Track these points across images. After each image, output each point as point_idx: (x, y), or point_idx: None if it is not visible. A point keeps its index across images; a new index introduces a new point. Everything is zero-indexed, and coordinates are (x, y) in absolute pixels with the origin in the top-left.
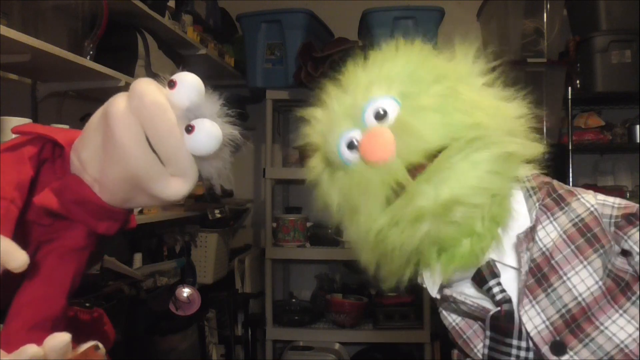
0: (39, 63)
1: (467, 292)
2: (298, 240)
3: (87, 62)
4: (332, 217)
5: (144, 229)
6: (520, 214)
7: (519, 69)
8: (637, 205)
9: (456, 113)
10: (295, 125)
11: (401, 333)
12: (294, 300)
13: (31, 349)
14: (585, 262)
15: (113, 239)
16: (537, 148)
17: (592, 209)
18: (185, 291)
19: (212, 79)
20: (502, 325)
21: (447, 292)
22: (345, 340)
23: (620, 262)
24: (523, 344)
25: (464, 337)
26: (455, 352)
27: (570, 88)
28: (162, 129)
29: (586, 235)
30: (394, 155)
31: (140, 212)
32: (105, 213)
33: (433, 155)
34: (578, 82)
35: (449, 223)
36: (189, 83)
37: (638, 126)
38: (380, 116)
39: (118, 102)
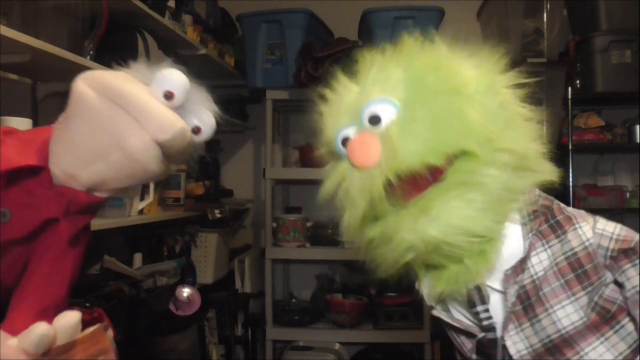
0: (39, 63)
1: (456, 311)
2: (298, 240)
3: (87, 62)
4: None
5: (144, 229)
6: (514, 239)
7: (518, 69)
8: (637, 238)
9: (449, 133)
10: (295, 125)
11: (401, 333)
12: (294, 300)
13: (41, 327)
14: (572, 298)
15: (113, 239)
16: (548, 174)
17: (587, 243)
18: (185, 291)
19: (212, 79)
20: (486, 350)
21: (435, 313)
22: (345, 340)
23: (610, 290)
24: None
25: (458, 341)
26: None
27: (570, 88)
28: (184, 148)
29: (577, 271)
30: (376, 164)
31: (140, 212)
32: (99, 206)
33: (422, 167)
34: (578, 82)
35: (436, 254)
36: (183, 88)
37: (638, 126)
38: (373, 121)
39: (133, 134)
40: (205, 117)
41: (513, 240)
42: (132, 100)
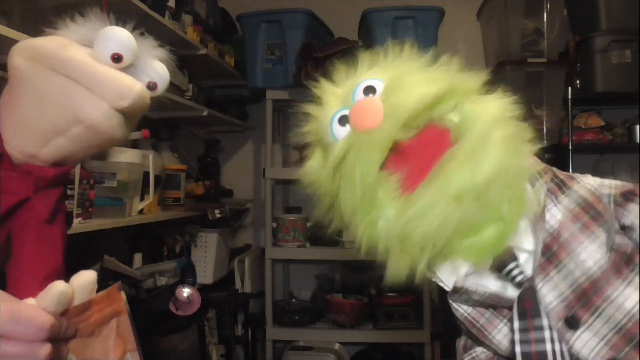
0: None
1: (481, 283)
2: (298, 240)
3: None
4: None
5: (144, 229)
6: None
7: (518, 69)
8: (632, 184)
9: (443, 78)
10: (295, 125)
11: (401, 333)
12: (294, 300)
13: (60, 284)
14: (592, 237)
15: (113, 239)
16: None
17: (592, 189)
18: (185, 291)
19: (212, 79)
20: (527, 305)
21: (459, 283)
22: (345, 340)
23: (620, 238)
24: (551, 322)
25: (478, 325)
26: (461, 341)
27: (570, 88)
28: (143, 109)
29: (590, 212)
30: (380, 120)
31: (141, 212)
32: (67, 176)
33: (423, 120)
34: (578, 82)
35: (480, 207)
36: (130, 47)
37: (638, 126)
38: (368, 91)
39: (91, 105)
40: (158, 69)
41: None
42: (79, 68)
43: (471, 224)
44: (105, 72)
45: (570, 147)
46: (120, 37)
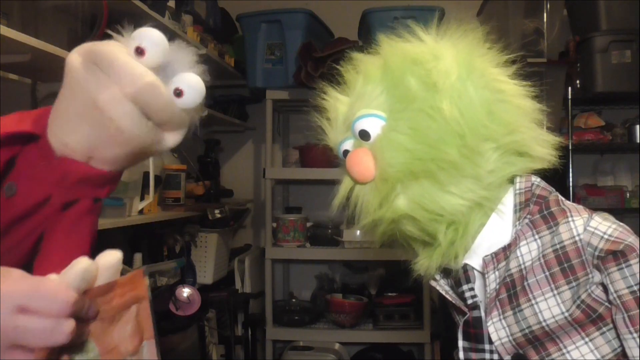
0: (39, 63)
1: (448, 289)
2: (298, 240)
3: None
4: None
5: (144, 229)
6: (502, 227)
7: (518, 69)
8: (629, 239)
9: (427, 138)
10: (295, 125)
11: (401, 333)
12: (294, 300)
13: (84, 261)
14: (555, 291)
15: (113, 239)
16: (540, 161)
17: (577, 238)
18: (185, 291)
19: (212, 79)
20: (472, 331)
21: (432, 284)
22: (345, 340)
23: (599, 292)
24: (494, 347)
25: (456, 319)
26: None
27: (570, 88)
28: (158, 105)
29: (563, 264)
30: (372, 176)
31: (141, 212)
32: (106, 179)
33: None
34: (578, 82)
35: (409, 226)
36: (155, 43)
37: (638, 126)
38: (363, 136)
39: (104, 89)
40: (189, 79)
41: (502, 227)
42: (104, 56)
43: (407, 235)
44: (122, 59)
45: (570, 147)
46: (147, 32)
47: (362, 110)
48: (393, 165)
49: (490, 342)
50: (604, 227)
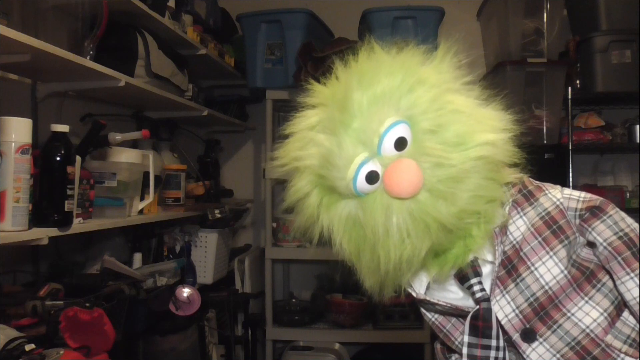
0: (39, 63)
1: (444, 295)
2: (298, 240)
3: (87, 62)
4: (315, 238)
5: (144, 229)
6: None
7: (519, 69)
8: (601, 198)
9: (467, 136)
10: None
11: (401, 333)
12: (294, 300)
13: None
14: (551, 253)
15: (113, 239)
16: (517, 154)
17: (557, 202)
18: (185, 291)
19: (212, 79)
20: (480, 324)
21: (420, 296)
22: (345, 340)
23: (585, 252)
24: (501, 343)
25: (444, 330)
26: (438, 345)
27: (570, 88)
28: None
29: (552, 227)
30: (421, 187)
31: (140, 212)
32: None
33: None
34: (578, 82)
35: (451, 232)
36: None
37: (638, 126)
38: (401, 145)
39: None
40: None
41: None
42: None
43: (444, 246)
44: None
45: (570, 147)
46: None
47: (392, 118)
48: (452, 158)
49: (498, 337)
50: (576, 193)
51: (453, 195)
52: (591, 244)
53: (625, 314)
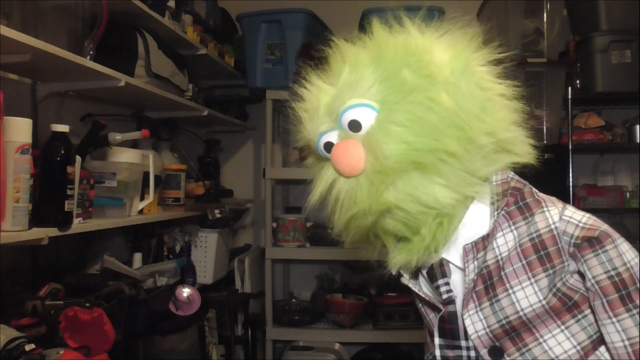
0: (39, 63)
1: (421, 286)
2: (298, 240)
3: (87, 62)
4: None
5: (144, 229)
6: (481, 218)
7: (519, 69)
8: (603, 227)
9: (427, 130)
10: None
11: (401, 333)
12: (294, 300)
13: None
14: (532, 280)
15: (113, 239)
16: (525, 157)
17: (552, 226)
18: (185, 291)
19: (212, 79)
20: (447, 327)
21: (404, 281)
22: (345, 340)
23: (574, 280)
24: (471, 343)
25: (427, 320)
26: (428, 339)
27: (570, 88)
28: None
29: (540, 252)
30: (361, 171)
31: (141, 212)
32: None
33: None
34: (578, 82)
35: (393, 220)
36: None
37: (638, 126)
38: (353, 126)
39: None
40: None
41: (480, 219)
42: None
43: (389, 229)
44: None
45: (570, 147)
46: None
47: (353, 100)
48: (389, 157)
49: (467, 338)
50: (578, 216)
51: (386, 189)
52: (582, 274)
53: (602, 349)
